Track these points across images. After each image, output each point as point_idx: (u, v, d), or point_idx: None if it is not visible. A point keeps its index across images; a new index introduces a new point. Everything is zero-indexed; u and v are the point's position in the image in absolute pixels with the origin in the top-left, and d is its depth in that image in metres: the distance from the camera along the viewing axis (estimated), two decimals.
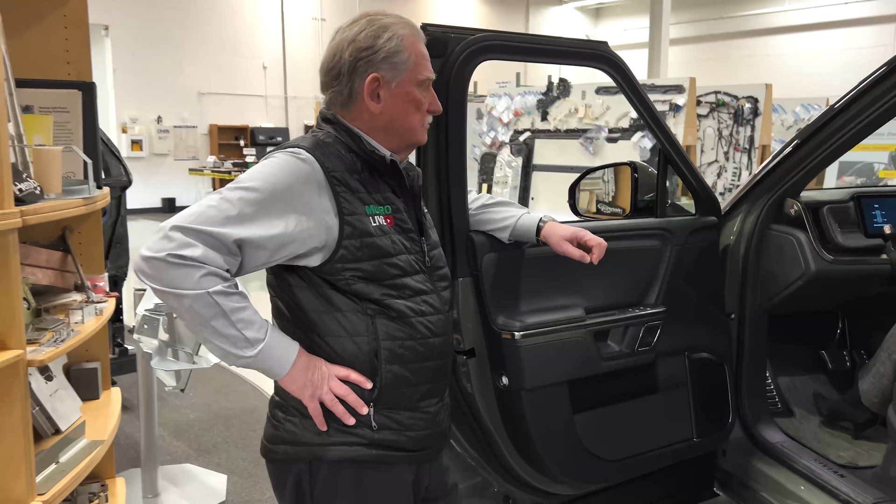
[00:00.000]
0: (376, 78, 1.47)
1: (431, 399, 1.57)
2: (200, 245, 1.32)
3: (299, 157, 1.42)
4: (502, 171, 8.58)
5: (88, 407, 2.40)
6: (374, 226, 1.46)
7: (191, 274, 1.32)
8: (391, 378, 1.48)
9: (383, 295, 1.46)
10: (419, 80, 1.50)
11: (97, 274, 2.47)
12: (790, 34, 18.03)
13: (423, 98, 1.51)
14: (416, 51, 1.50)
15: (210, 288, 1.32)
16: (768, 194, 2.48)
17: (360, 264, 1.44)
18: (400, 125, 1.51)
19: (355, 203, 1.44)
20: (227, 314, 1.35)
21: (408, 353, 1.50)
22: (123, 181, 4.26)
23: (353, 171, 1.47)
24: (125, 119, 14.43)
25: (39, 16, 2.38)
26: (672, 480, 2.49)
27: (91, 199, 2.14)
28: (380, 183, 1.51)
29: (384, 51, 1.46)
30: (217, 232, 1.33)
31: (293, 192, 1.39)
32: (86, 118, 2.35)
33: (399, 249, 1.49)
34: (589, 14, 22.37)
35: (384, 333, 1.47)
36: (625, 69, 2.13)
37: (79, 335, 2.04)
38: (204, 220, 1.34)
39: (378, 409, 1.49)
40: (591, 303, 2.13)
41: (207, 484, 3.46)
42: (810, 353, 2.92)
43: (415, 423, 1.54)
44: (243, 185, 1.38)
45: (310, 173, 1.41)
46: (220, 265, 1.34)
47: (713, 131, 8.11)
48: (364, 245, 1.44)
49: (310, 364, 1.44)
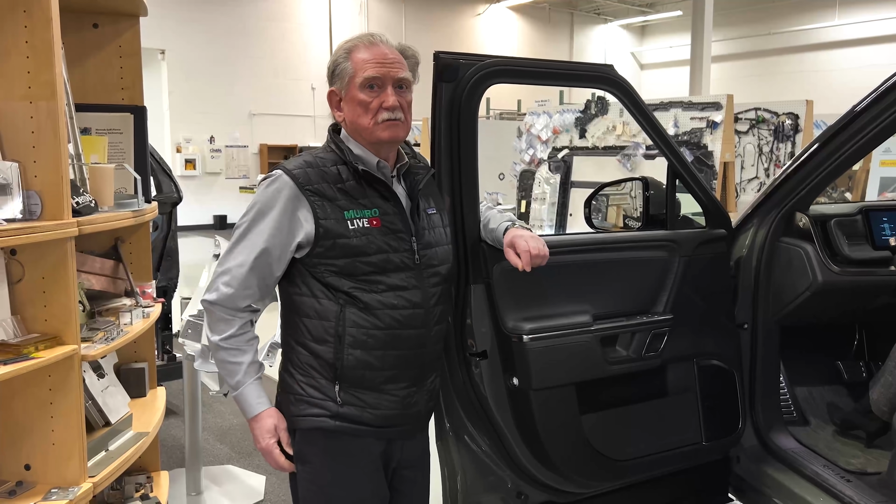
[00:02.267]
0: (333, 91, 1.75)
1: (399, 384, 1.78)
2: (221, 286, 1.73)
3: (273, 181, 1.70)
4: (540, 188, 8.68)
5: (136, 403, 2.60)
6: (352, 228, 1.68)
7: (210, 317, 1.76)
8: (353, 360, 1.71)
9: (352, 288, 1.69)
10: (361, 83, 1.70)
11: (145, 281, 2.69)
12: (837, 49, 17.73)
13: (369, 98, 1.70)
14: (356, 58, 1.71)
15: (213, 337, 1.75)
16: (778, 208, 2.55)
17: (334, 261, 1.68)
18: (358, 127, 1.73)
19: (331, 209, 1.68)
20: (218, 361, 1.78)
21: (371, 340, 1.71)
22: (174, 198, 4.52)
23: (337, 182, 1.71)
24: (179, 139, 14.98)
25: (98, 47, 2.62)
26: (687, 485, 2.55)
27: (140, 211, 2.36)
28: (366, 189, 1.73)
29: (332, 66, 1.73)
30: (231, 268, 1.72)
31: (272, 208, 1.69)
32: (137, 139, 2.58)
33: (378, 249, 1.70)
34: (634, 32, 22.34)
35: (350, 321, 1.70)
36: (630, 91, 2.24)
37: (127, 335, 2.25)
38: (221, 272, 1.74)
39: (343, 386, 1.73)
40: (599, 310, 2.24)
41: (247, 484, 3.65)
42: (827, 365, 2.96)
43: (380, 402, 1.76)
44: (239, 228, 1.73)
45: (282, 190, 1.68)
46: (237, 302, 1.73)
47: (753, 148, 8.08)
48: (336, 245, 1.68)
49: (259, 425, 1.79)
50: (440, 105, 2.00)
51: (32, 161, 1.89)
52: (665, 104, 7.65)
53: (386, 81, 1.70)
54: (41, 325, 1.95)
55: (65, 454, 1.98)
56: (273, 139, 16.00)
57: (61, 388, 1.96)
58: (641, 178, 2.57)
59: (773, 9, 18.73)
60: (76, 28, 2.55)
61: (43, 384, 1.96)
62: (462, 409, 2.16)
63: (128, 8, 2.61)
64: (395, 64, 1.72)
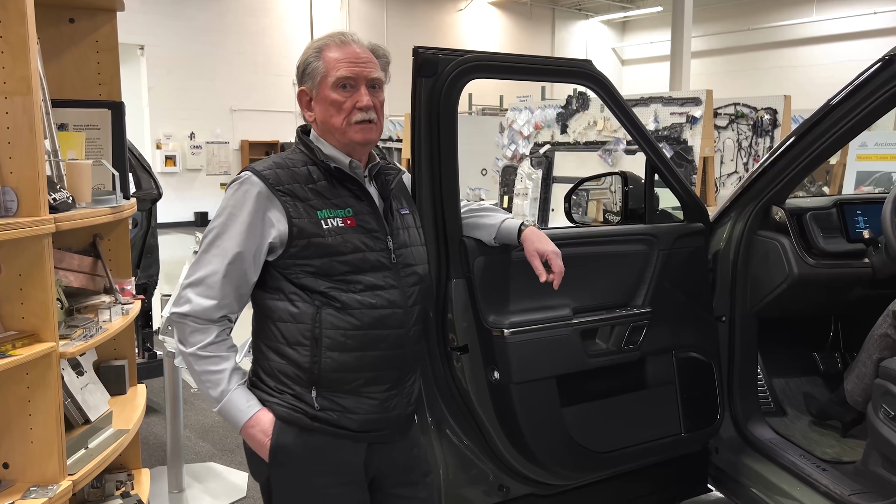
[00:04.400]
0: (303, 91, 1.72)
1: (379, 386, 1.73)
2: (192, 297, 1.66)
3: (242, 184, 1.65)
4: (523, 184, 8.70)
5: (116, 401, 2.59)
6: (326, 228, 1.65)
7: (182, 330, 1.68)
8: (330, 363, 1.66)
9: (329, 288, 1.65)
10: (333, 83, 1.67)
11: (125, 278, 2.67)
12: (816, 45, 17.95)
13: (342, 98, 1.67)
14: (328, 57, 1.68)
15: (188, 349, 1.67)
16: (755, 202, 2.59)
17: (310, 261, 1.64)
18: (331, 127, 1.70)
19: (304, 209, 1.64)
20: (197, 374, 1.69)
21: (350, 341, 1.66)
22: (154, 194, 4.48)
23: (308, 182, 1.68)
24: (159, 135, 14.86)
25: (74, 42, 2.60)
26: (666, 476, 2.59)
27: (118, 208, 2.34)
28: (339, 188, 1.70)
29: (302, 65, 1.70)
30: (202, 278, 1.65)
31: (242, 210, 1.64)
32: (115, 134, 2.56)
33: (353, 248, 1.67)
34: (615, 28, 22.45)
35: (328, 323, 1.65)
36: (608, 86, 2.26)
37: (106, 332, 2.23)
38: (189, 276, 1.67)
39: (320, 391, 1.67)
40: (579, 303, 2.26)
41: (229, 481, 3.64)
42: (804, 356, 3.00)
43: (359, 406, 1.71)
44: (209, 235, 1.67)
45: (251, 192, 1.64)
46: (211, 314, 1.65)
47: (732, 142, 8.15)
48: (311, 245, 1.64)
49: (259, 423, 1.68)
50: (420, 100, 2.00)
51: (8, 157, 1.86)
52: (645, 99, 7.70)
53: (359, 81, 1.67)
54: (18, 322, 1.93)
55: (44, 452, 1.97)
56: (254, 135, 15.93)
57: (39, 386, 1.95)
58: (620, 173, 2.59)
59: (752, 5, 18.91)
60: (52, 22, 2.52)
61: (21, 382, 1.95)
62: (444, 404, 2.17)
63: (104, 3, 2.59)
64: (368, 63, 1.69)
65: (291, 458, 1.69)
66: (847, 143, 2.35)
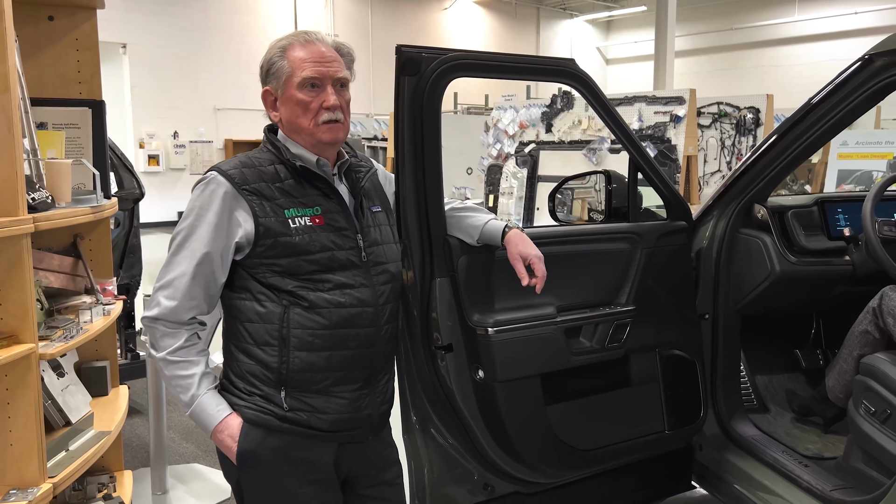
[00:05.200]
0: (267, 91, 1.71)
1: (348, 385, 1.72)
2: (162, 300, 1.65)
3: (208, 184, 1.64)
4: (508, 182, 8.72)
5: (98, 402, 2.57)
6: (294, 227, 1.63)
7: (153, 334, 1.67)
8: (299, 363, 1.65)
9: (297, 287, 1.64)
10: (299, 83, 1.65)
11: (106, 278, 2.64)
12: (799, 45, 18.10)
13: (309, 98, 1.66)
14: (293, 57, 1.66)
15: (159, 353, 1.66)
16: (737, 200, 2.60)
17: (276, 260, 1.63)
18: (297, 128, 1.69)
19: (270, 208, 1.63)
20: (167, 378, 1.68)
21: (318, 341, 1.65)
22: (136, 194, 4.45)
23: (275, 181, 1.67)
24: (142, 135, 14.74)
25: (53, 40, 2.57)
26: (651, 473, 2.60)
27: (99, 207, 2.32)
28: (307, 187, 1.69)
29: (267, 65, 1.69)
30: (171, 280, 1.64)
31: (209, 211, 1.63)
32: (95, 133, 2.53)
33: (322, 247, 1.66)
34: (599, 27, 22.52)
35: (295, 322, 1.64)
36: (591, 85, 2.26)
37: (87, 333, 2.21)
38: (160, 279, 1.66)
39: (289, 392, 1.66)
40: (563, 302, 2.26)
41: (213, 482, 3.61)
42: (786, 353, 3.03)
43: (328, 406, 1.70)
44: (177, 237, 1.66)
45: (217, 191, 1.63)
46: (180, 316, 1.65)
47: (716, 141, 8.20)
48: (278, 244, 1.63)
49: (228, 428, 1.67)
50: (403, 99, 1.99)
51: None
52: (629, 98, 7.74)
53: (325, 81, 1.66)
54: None
55: (23, 455, 1.95)
56: (238, 134, 15.83)
57: (19, 388, 1.93)
58: (604, 172, 2.60)
59: (735, 4, 19.04)
60: (31, 20, 2.49)
61: (0, 384, 1.92)
62: (428, 403, 2.16)
63: (84, 0, 2.56)
64: (333, 63, 1.68)
65: (260, 461, 1.68)
66: (827, 141, 2.37)
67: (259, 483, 1.70)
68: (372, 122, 11.82)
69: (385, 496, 1.90)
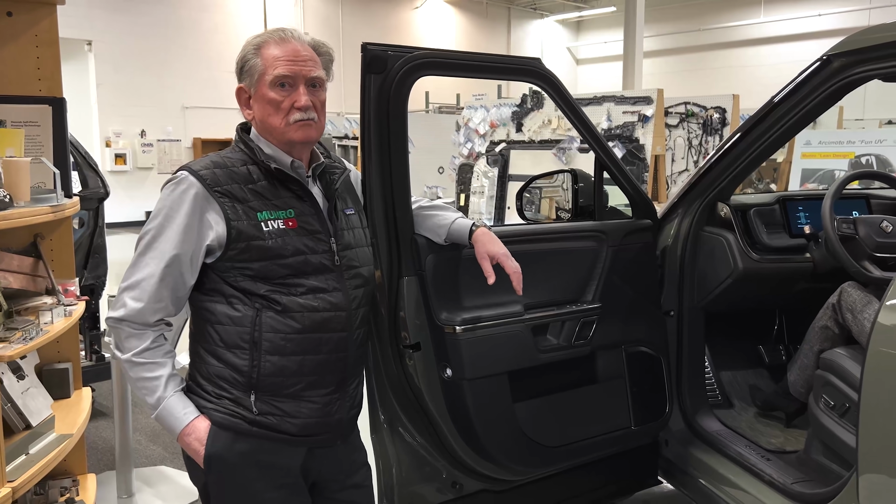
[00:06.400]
0: (241, 88, 1.68)
1: (319, 390, 1.69)
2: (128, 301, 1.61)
3: (178, 184, 1.61)
4: (479, 182, 8.74)
5: (60, 405, 2.52)
6: (267, 230, 1.61)
7: (118, 335, 1.63)
8: (270, 367, 1.63)
9: (269, 291, 1.62)
10: (271, 82, 1.63)
11: (68, 279, 2.60)
12: (764, 46, 18.41)
13: (280, 97, 1.63)
14: (266, 54, 1.64)
15: (124, 355, 1.62)
16: (701, 198, 2.63)
17: (249, 264, 1.61)
18: (269, 127, 1.67)
19: (242, 211, 1.60)
20: (133, 381, 1.65)
21: (289, 345, 1.63)
22: (100, 193, 4.37)
23: (248, 182, 1.64)
24: (109, 133, 14.51)
25: (12, 35, 2.52)
26: (618, 469, 2.63)
27: (59, 206, 2.28)
28: (280, 189, 1.66)
29: (241, 62, 1.67)
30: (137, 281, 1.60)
31: (179, 212, 1.59)
32: (56, 131, 2.48)
33: (294, 251, 1.63)
34: (570, 27, 22.67)
35: (268, 326, 1.62)
36: (557, 84, 2.28)
37: (48, 334, 2.17)
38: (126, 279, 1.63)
39: (259, 395, 1.64)
40: (530, 300, 2.27)
41: (181, 484, 3.57)
42: (750, 349, 3.08)
43: (299, 410, 1.67)
44: (145, 237, 1.62)
45: (188, 192, 1.59)
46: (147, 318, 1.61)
47: (683, 141, 8.30)
48: (250, 247, 1.60)
49: (195, 431, 1.64)
50: (369, 97, 1.99)
51: None
52: (598, 98, 7.79)
53: (298, 80, 1.63)
54: None
55: None
56: (207, 133, 15.65)
57: None
58: (571, 171, 2.62)
59: (702, 6, 19.30)
60: None
61: None
62: (396, 402, 2.16)
63: None
64: (307, 62, 1.65)
65: (227, 465, 1.65)
66: (788, 140, 2.41)
67: (226, 487, 1.68)
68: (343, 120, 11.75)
69: (354, 500, 1.88)
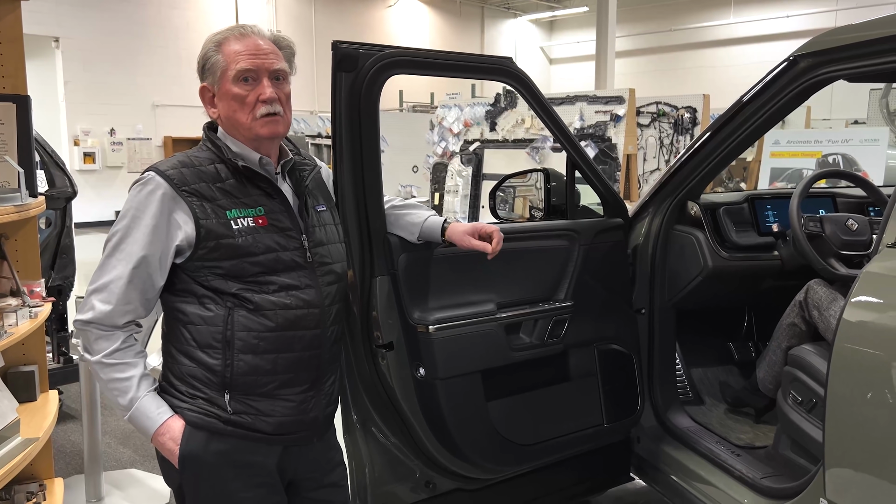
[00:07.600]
0: (205, 87, 1.66)
1: (294, 388, 1.69)
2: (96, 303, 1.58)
3: (145, 184, 1.59)
4: (453, 181, 8.74)
5: (25, 408, 2.47)
6: (236, 228, 1.60)
7: (86, 338, 1.61)
8: (243, 366, 1.62)
9: (241, 290, 1.61)
10: (234, 77, 1.61)
11: (34, 280, 2.55)
12: (734, 46, 18.66)
13: (244, 91, 1.62)
14: (227, 50, 1.62)
15: (93, 357, 1.59)
16: (671, 197, 2.66)
17: (219, 262, 1.59)
18: (236, 123, 1.65)
19: (211, 210, 1.59)
20: (104, 382, 1.63)
21: (263, 343, 1.62)
22: (68, 192, 4.29)
23: (216, 181, 1.62)
24: (77, 132, 14.26)
25: None
26: (591, 466, 2.64)
27: (24, 206, 2.24)
28: (249, 187, 1.65)
29: (202, 61, 1.65)
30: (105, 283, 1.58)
31: (146, 213, 1.58)
32: (20, 130, 2.43)
33: (265, 248, 1.62)
34: (543, 27, 22.77)
35: (240, 325, 1.61)
36: (529, 83, 2.28)
37: (12, 336, 2.13)
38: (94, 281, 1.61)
39: (233, 395, 1.63)
40: (503, 298, 2.28)
41: (151, 487, 3.52)
42: (720, 346, 3.12)
43: (274, 409, 1.67)
44: (113, 239, 1.60)
45: (155, 192, 1.58)
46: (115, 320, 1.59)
47: (655, 140, 8.38)
48: (220, 246, 1.59)
49: (170, 430, 1.62)
50: (340, 95, 1.98)
51: None
52: (571, 98, 7.84)
53: (261, 73, 1.62)
54: None
55: None
56: (178, 131, 15.45)
57: None
58: (543, 170, 2.62)
59: (674, 6, 19.51)
60: None
61: None
62: (369, 401, 2.16)
63: None
64: (269, 55, 1.63)
65: (201, 465, 1.64)
66: (757, 139, 2.44)
67: (202, 487, 1.67)
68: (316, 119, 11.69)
69: (330, 498, 1.87)
